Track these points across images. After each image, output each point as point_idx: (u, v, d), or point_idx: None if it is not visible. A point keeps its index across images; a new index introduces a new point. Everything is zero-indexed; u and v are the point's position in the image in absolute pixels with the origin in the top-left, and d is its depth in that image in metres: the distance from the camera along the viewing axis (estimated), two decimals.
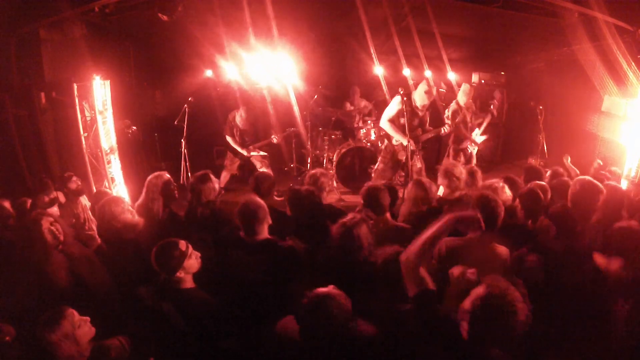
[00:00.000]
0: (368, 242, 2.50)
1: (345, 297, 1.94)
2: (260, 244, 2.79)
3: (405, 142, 5.20)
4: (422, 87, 5.20)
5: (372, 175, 5.77)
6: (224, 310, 2.48)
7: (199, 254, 2.54)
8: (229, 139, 6.34)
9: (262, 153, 6.50)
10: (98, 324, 2.19)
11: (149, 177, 3.46)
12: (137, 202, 3.52)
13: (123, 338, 2.20)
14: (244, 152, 6.35)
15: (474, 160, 6.27)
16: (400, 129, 5.21)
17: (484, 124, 6.27)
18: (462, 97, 6.08)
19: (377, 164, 5.75)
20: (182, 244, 2.48)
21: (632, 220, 2.68)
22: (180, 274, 2.43)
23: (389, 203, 3.26)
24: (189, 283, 2.48)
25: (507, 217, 2.90)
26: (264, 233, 2.84)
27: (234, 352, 2.40)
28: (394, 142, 5.47)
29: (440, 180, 3.90)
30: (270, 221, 2.87)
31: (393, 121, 5.32)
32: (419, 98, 5.20)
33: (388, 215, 3.24)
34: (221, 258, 2.84)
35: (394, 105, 5.28)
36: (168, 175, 3.52)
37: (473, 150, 6.30)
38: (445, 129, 5.23)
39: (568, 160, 5.11)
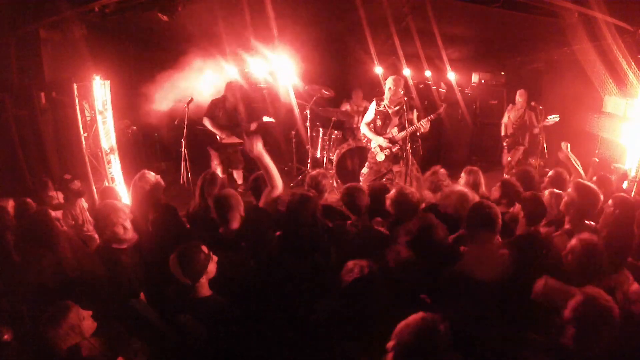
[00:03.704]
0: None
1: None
2: (233, 233, 2.89)
3: (382, 143, 5.39)
4: (387, 85, 5.28)
5: (360, 179, 5.78)
6: (245, 316, 2.43)
7: (216, 258, 2.49)
8: (206, 121, 5.93)
9: (237, 140, 6.15)
10: (102, 320, 2.19)
11: (134, 179, 3.39)
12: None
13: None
14: (223, 136, 6.00)
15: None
16: (377, 131, 5.45)
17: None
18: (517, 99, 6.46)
19: (363, 169, 5.79)
20: (204, 247, 2.42)
21: None
22: (203, 279, 2.37)
23: (368, 204, 3.21)
24: (206, 290, 2.42)
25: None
26: (236, 223, 2.93)
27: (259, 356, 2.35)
28: (371, 145, 5.59)
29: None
30: (242, 212, 2.97)
31: (369, 125, 5.51)
32: (387, 99, 5.32)
33: (366, 217, 3.22)
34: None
35: (370, 110, 5.52)
36: (154, 175, 3.46)
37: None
38: (423, 124, 5.19)
39: (568, 148, 4.56)
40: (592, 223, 3.10)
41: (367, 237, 2.98)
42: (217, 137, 6.07)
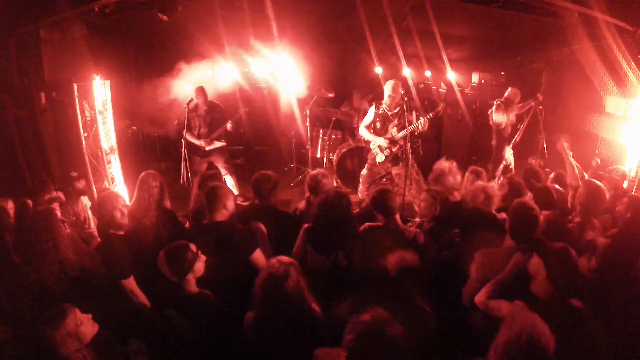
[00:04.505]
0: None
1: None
2: (214, 225, 2.85)
3: (382, 143, 5.38)
4: (386, 90, 5.26)
5: (360, 180, 5.77)
6: (233, 312, 2.45)
7: (205, 258, 2.53)
8: (188, 136, 5.82)
9: (219, 143, 6.03)
10: (101, 320, 2.19)
11: (141, 175, 3.41)
12: (131, 201, 3.51)
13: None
14: (203, 145, 5.90)
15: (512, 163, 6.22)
16: (376, 133, 5.45)
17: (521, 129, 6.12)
18: (511, 98, 6.10)
19: (363, 170, 5.77)
20: (193, 246, 2.47)
21: None
22: (190, 277, 2.42)
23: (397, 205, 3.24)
24: (193, 287, 2.48)
25: None
26: (222, 216, 2.90)
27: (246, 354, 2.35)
28: (371, 146, 5.58)
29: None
30: (232, 208, 2.94)
31: (369, 127, 5.50)
32: (386, 104, 5.32)
33: (397, 217, 3.21)
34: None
35: (369, 113, 5.53)
36: (157, 174, 3.46)
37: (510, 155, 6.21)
38: (421, 123, 5.21)
39: (565, 146, 4.57)
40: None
41: (398, 238, 2.95)
42: (200, 147, 5.96)
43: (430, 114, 5.27)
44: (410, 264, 2.30)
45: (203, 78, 7.08)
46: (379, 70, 6.62)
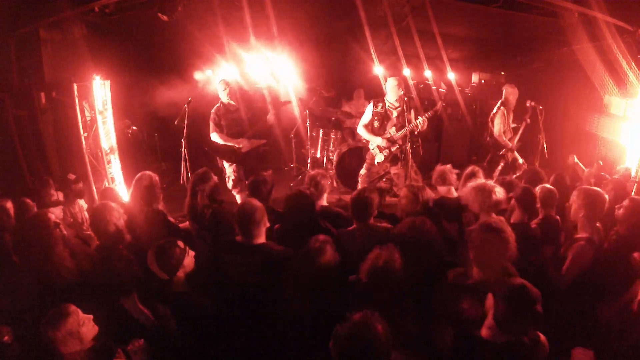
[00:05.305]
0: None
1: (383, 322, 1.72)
2: (255, 247, 2.73)
3: (380, 144, 5.33)
4: (391, 86, 5.20)
5: (358, 180, 5.76)
6: (220, 313, 2.46)
7: (193, 253, 2.54)
8: (216, 136, 5.13)
9: (257, 142, 5.35)
10: (101, 320, 2.19)
11: (136, 177, 3.43)
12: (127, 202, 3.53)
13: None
14: (239, 145, 5.14)
15: (520, 161, 6.04)
16: (374, 133, 5.38)
17: (520, 132, 5.96)
18: (510, 99, 5.82)
19: (362, 169, 5.73)
20: (180, 242, 2.49)
21: None
22: (180, 273, 2.43)
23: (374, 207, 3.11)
24: (182, 285, 2.48)
25: None
26: (261, 236, 2.77)
27: (231, 354, 2.36)
28: (370, 146, 5.54)
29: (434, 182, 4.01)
30: (268, 224, 2.83)
31: (367, 126, 5.44)
32: (392, 99, 5.26)
33: (371, 220, 3.10)
34: (218, 262, 2.81)
35: (367, 112, 5.45)
36: (152, 175, 3.46)
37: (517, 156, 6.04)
38: (420, 123, 5.14)
39: (575, 159, 5.15)
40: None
41: (372, 238, 2.88)
42: (235, 147, 5.16)
43: (429, 113, 5.24)
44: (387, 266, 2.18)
45: (203, 78, 7.11)
46: (379, 70, 6.62)
